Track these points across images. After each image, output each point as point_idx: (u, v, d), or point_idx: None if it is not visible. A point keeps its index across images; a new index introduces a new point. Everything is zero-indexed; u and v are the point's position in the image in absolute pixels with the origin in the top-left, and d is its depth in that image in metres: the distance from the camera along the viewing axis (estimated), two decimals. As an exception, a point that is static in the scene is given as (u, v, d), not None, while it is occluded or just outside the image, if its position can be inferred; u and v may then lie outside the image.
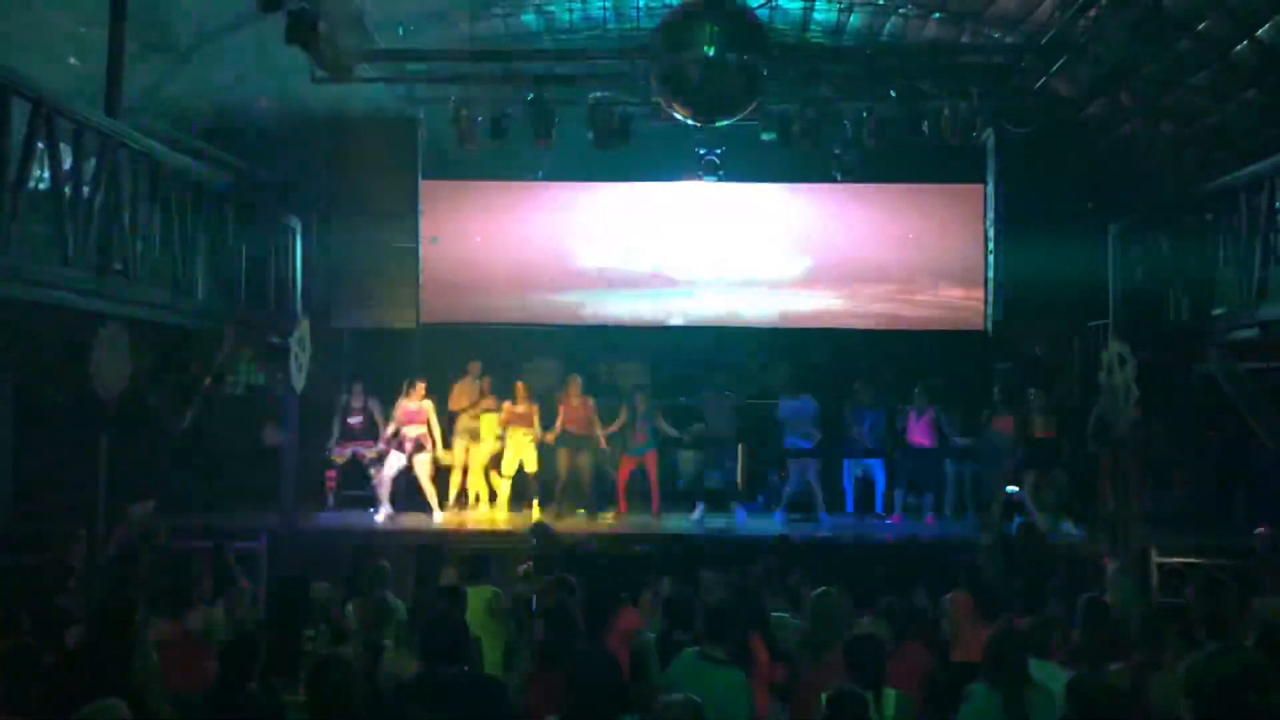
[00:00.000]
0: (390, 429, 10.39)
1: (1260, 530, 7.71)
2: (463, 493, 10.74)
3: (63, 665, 4.38)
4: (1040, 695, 3.97)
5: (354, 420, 10.58)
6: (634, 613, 5.78)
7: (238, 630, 5.04)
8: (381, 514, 10.22)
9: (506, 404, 10.62)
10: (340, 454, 10.50)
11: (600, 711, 3.48)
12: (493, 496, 10.74)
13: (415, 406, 10.44)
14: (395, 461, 10.32)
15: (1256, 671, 2.57)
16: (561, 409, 10.53)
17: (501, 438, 10.58)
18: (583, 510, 10.51)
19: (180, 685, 4.48)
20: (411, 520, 10.28)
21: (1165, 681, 4.40)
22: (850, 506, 10.73)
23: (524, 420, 10.54)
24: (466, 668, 4.30)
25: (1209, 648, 3.94)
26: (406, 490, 10.63)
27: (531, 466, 10.55)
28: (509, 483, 10.63)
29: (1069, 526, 9.85)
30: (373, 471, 10.46)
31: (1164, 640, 4.66)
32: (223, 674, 4.06)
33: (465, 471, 10.68)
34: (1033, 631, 4.79)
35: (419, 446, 10.36)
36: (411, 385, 10.50)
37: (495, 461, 10.68)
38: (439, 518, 10.29)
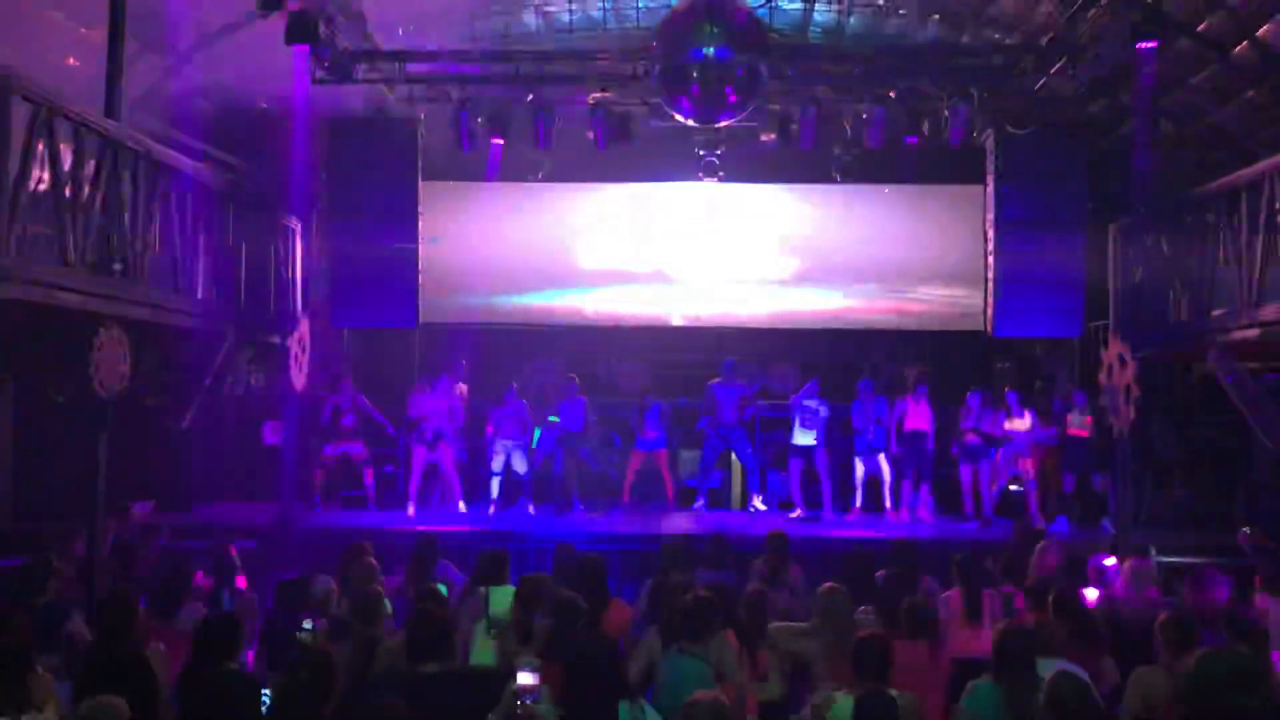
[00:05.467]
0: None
1: (1244, 530, 7.73)
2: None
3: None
4: None
5: (346, 420, 10.58)
6: (625, 607, 5.78)
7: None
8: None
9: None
10: (331, 454, 10.50)
11: (597, 698, 3.48)
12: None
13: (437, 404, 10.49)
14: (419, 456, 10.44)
15: (1244, 673, 2.57)
16: None
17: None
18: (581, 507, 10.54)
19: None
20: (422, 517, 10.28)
21: (1153, 680, 4.40)
22: (857, 503, 10.71)
23: (517, 421, 10.55)
24: (453, 663, 4.32)
25: (1198, 652, 3.93)
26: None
27: (521, 466, 10.55)
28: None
29: (1108, 525, 9.83)
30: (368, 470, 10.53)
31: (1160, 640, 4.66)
32: (197, 654, 4.09)
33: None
34: (1043, 629, 4.77)
35: (438, 437, 10.40)
36: (435, 382, 10.58)
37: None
38: (462, 508, 10.29)
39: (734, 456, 11.06)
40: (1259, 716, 2.51)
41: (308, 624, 5.33)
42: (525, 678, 3.53)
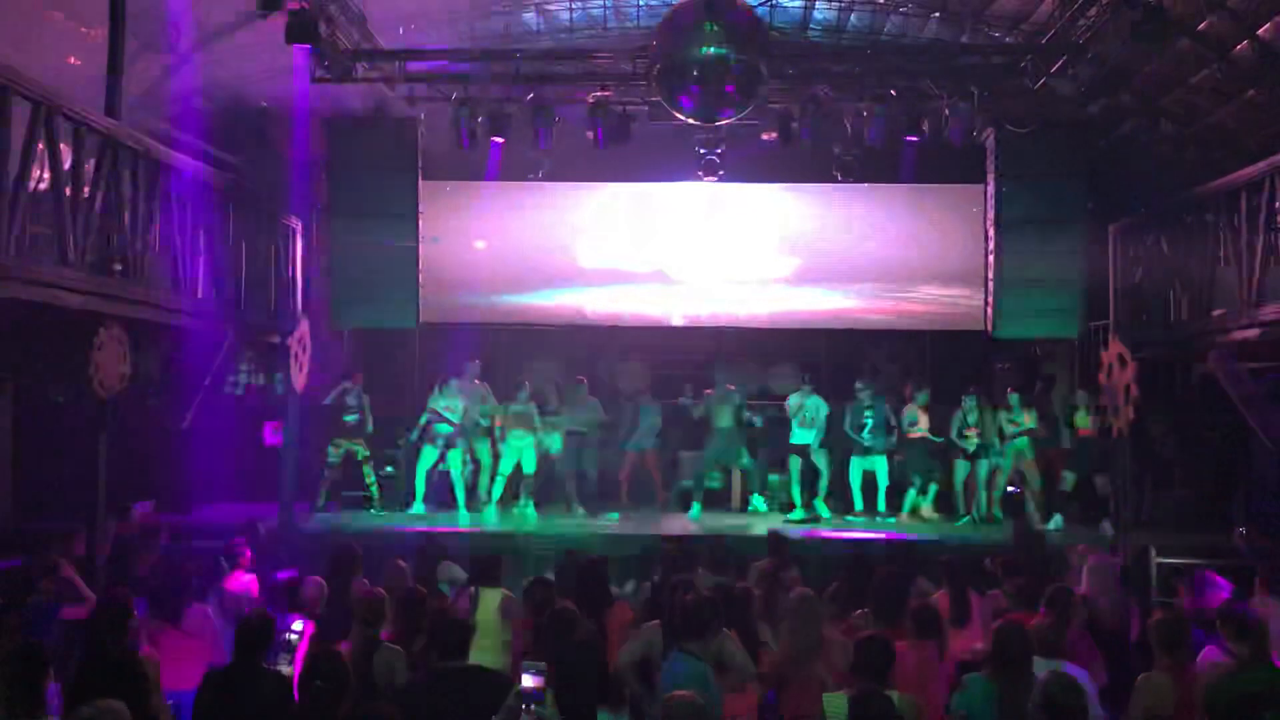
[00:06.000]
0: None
1: (1239, 530, 7.74)
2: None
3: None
4: None
5: (350, 418, 10.56)
6: (626, 608, 5.78)
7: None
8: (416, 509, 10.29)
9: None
10: (335, 452, 10.47)
11: (577, 704, 3.49)
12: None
13: (446, 404, 10.46)
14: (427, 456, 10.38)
15: (1273, 689, 2.55)
16: None
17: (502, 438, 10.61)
18: (582, 509, 10.54)
19: (178, 684, 4.53)
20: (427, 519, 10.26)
21: (1156, 682, 4.40)
22: (858, 504, 10.71)
23: (523, 421, 10.54)
24: (468, 662, 4.35)
25: (1231, 664, 3.88)
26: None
27: (529, 466, 10.54)
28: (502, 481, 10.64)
29: (1107, 526, 9.84)
30: (370, 468, 10.50)
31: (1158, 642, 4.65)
32: (237, 652, 4.22)
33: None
34: (1043, 630, 4.76)
35: (449, 443, 10.38)
36: (445, 382, 10.55)
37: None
38: (465, 513, 10.28)
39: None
40: None
41: (297, 625, 5.34)
42: (529, 679, 3.54)
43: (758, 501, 10.98)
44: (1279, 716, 2.50)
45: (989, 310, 11.45)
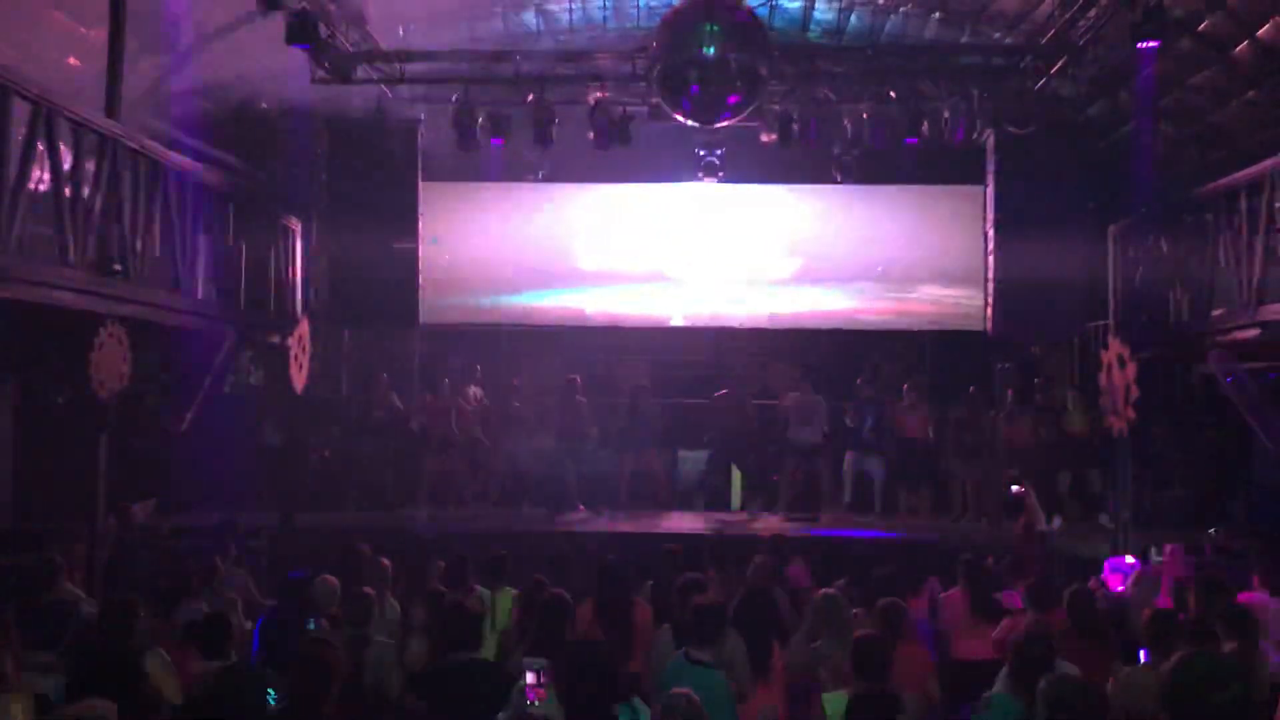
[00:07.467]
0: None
1: (1210, 531, 7.75)
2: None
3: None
4: None
5: (379, 414, 10.56)
6: (646, 607, 5.76)
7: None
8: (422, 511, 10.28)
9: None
10: (368, 449, 10.49)
11: (591, 701, 3.46)
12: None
13: (446, 405, 10.47)
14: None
15: (1222, 669, 2.56)
16: None
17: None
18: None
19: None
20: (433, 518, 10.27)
21: (1137, 680, 4.39)
22: (848, 499, 10.70)
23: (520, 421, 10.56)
24: (475, 656, 4.36)
25: (1175, 655, 3.87)
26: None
27: (526, 466, 10.55)
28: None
29: (1105, 519, 9.82)
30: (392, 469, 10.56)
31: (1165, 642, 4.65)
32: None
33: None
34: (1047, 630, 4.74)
35: (446, 443, 10.36)
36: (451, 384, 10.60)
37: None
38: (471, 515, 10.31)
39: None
40: (1237, 711, 2.50)
41: (311, 626, 5.34)
42: (532, 677, 3.53)
43: (756, 501, 10.95)
44: (1225, 698, 2.51)
45: (989, 310, 11.45)
